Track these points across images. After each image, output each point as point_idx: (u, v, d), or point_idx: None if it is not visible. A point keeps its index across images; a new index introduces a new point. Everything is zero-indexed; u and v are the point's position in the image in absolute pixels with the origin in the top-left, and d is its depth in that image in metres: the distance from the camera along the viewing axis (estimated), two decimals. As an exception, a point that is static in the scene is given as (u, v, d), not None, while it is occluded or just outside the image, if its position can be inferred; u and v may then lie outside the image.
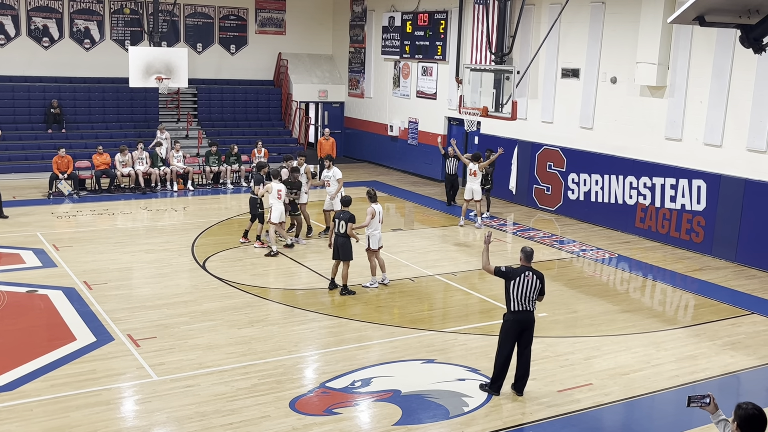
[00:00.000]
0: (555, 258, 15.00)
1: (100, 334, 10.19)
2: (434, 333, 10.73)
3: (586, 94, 17.96)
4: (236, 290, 12.26)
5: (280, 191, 14.30)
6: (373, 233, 12.36)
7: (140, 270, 13.29)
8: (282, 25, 26.49)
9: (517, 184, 19.76)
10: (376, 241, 12.42)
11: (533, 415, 8.39)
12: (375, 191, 12.90)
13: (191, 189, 20.37)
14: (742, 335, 11.08)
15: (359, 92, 26.14)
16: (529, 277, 8.53)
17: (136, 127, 23.28)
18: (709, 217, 15.27)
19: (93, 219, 16.88)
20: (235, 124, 25.05)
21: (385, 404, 8.50)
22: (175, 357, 9.54)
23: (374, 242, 12.40)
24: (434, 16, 22.39)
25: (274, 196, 14.25)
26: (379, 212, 12.39)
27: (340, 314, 11.32)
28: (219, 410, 8.19)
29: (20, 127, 22.06)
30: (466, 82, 18.92)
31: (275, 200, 14.27)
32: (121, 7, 23.84)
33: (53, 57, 23.17)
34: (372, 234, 12.35)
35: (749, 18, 6.23)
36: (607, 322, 11.43)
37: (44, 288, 12.00)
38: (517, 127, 19.41)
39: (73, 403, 8.25)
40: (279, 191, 14.27)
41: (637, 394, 9.04)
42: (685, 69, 15.65)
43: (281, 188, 14.34)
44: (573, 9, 17.77)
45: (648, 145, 16.51)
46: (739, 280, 13.82)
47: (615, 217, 17.25)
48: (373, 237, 12.37)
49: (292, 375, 9.22)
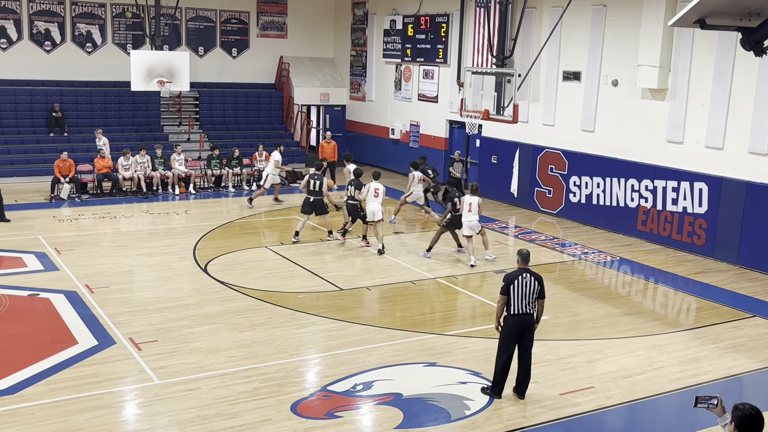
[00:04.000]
0: (557, 261, 14.99)
1: (102, 338, 10.19)
2: (436, 336, 10.72)
3: (587, 97, 17.96)
4: (238, 293, 12.26)
5: (378, 190, 15.09)
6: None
7: (142, 273, 13.29)
8: (283, 28, 26.52)
9: (519, 187, 19.76)
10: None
11: (535, 418, 8.38)
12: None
13: (193, 192, 20.39)
14: (744, 338, 11.07)
15: (361, 95, 26.16)
16: (527, 279, 8.53)
17: (138, 131, 23.31)
18: (711, 219, 15.26)
19: (95, 222, 16.90)
20: (237, 127, 25.07)
21: (386, 407, 8.50)
22: (177, 360, 9.54)
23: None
24: (435, 19, 22.42)
25: (372, 195, 14.97)
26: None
27: (342, 317, 11.32)
28: (220, 414, 8.19)
29: (22, 131, 22.10)
30: (467, 85, 18.93)
31: (372, 199, 14.95)
32: (123, 11, 23.88)
33: (55, 61, 23.23)
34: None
35: (750, 21, 6.23)
36: (609, 325, 11.42)
37: (46, 291, 12.01)
38: (518, 130, 19.41)
39: (75, 406, 8.25)
40: (377, 190, 15.08)
41: (639, 397, 9.03)
42: (686, 72, 15.65)
43: (379, 187, 15.14)
44: (574, 12, 17.79)
45: (649, 148, 16.51)
46: (740, 283, 13.80)
47: (616, 220, 17.24)
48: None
49: (293, 378, 9.21)
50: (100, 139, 20.44)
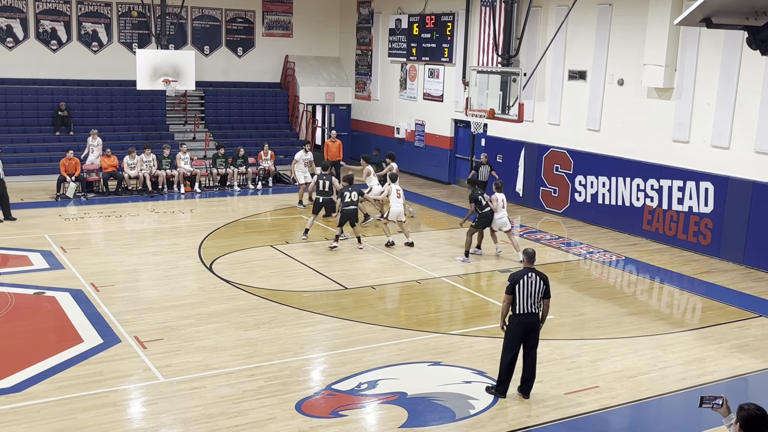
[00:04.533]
0: (562, 260, 14.97)
1: (107, 336, 10.22)
2: (440, 335, 10.72)
3: (593, 96, 17.93)
4: (243, 292, 12.28)
5: (399, 191, 15.54)
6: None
7: (147, 272, 13.32)
8: (289, 27, 26.54)
9: (524, 186, 19.73)
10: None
11: (539, 417, 8.37)
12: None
13: (198, 191, 20.42)
14: (750, 338, 11.04)
15: (366, 94, 26.16)
16: (533, 278, 8.52)
17: (143, 130, 23.37)
18: (717, 219, 15.22)
19: (100, 221, 16.94)
20: (242, 126, 25.10)
21: (391, 406, 8.50)
22: (182, 359, 9.56)
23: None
24: (441, 18, 22.40)
25: (394, 196, 15.42)
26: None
27: (347, 316, 11.33)
28: (225, 412, 8.20)
29: (28, 130, 22.17)
30: (472, 85, 18.93)
31: (395, 200, 15.38)
32: (128, 10, 23.93)
33: (61, 60, 23.29)
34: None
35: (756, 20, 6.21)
36: (614, 325, 11.40)
37: (52, 290, 12.04)
38: (523, 130, 19.38)
39: (80, 404, 8.28)
40: (398, 191, 15.52)
41: (644, 397, 9.01)
42: (692, 71, 15.61)
43: (399, 188, 15.64)
44: (580, 11, 17.76)
45: (655, 147, 16.47)
46: (746, 283, 13.76)
47: (622, 220, 17.21)
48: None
49: (298, 377, 9.22)
50: (95, 139, 20.51)
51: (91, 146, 20.36)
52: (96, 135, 20.57)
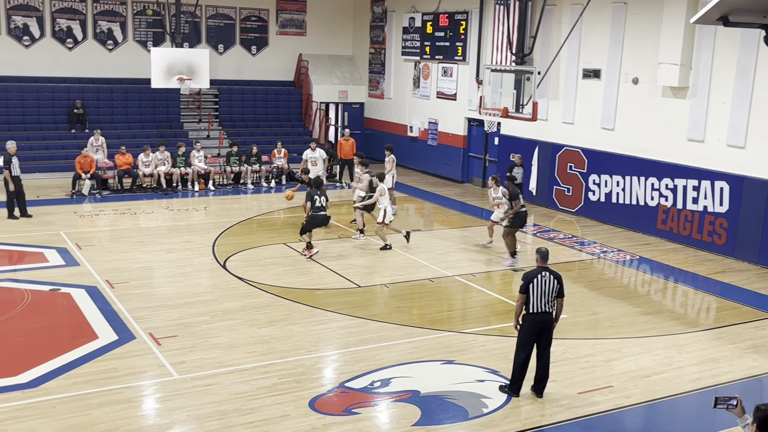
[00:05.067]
0: (575, 260, 14.93)
1: (122, 333, 10.29)
2: (453, 334, 10.72)
3: (607, 94, 17.85)
4: (256, 290, 12.32)
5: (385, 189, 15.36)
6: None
7: (162, 269, 13.39)
8: (302, 26, 26.58)
9: (538, 185, 19.69)
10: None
11: (553, 417, 8.36)
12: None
13: (212, 189, 20.50)
14: (766, 338, 10.96)
15: (379, 93, 26.17)
16: (546, 277, 8.50)
17: (158, 128, 23.48)
18: (732, 218, 15.12)
19: (115, 218, 17.04)
20: (256, 124, 25.17)
21: (404, 405, 8.51)
22: (196, 356, 9.61)
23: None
24: (455, 16, 22.37)
25: (386, 196, 15.20)
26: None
27: (360, 314, 11.35)
28: (239, 409, 8.24)
29: (44, 127, 22.33)
30: (486, 83, 18.88)
31: (386, 200, 15.17)
32: (143, 8, 24.05)
33: (77, 58, 23.43)
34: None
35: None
36: (628, 324, 11.36)
37: (67, 286, 12.13)
38: (537, 128, 19.33)
39: (95, 400, 8.34)
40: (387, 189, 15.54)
41: (658, 396, 8.98)
42: (707, 69, 15.51)
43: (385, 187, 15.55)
44: (594, 9, 17.68)
45: (670, 147, 16.39)
46: (762, 283, 13.67)
47: (636, 219, 17.13)
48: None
49: (311, 374, 9.25)
50: (98, 138, 20.57)
51: (95, 146, 20.36)
52: (99, 135, 20.65)
